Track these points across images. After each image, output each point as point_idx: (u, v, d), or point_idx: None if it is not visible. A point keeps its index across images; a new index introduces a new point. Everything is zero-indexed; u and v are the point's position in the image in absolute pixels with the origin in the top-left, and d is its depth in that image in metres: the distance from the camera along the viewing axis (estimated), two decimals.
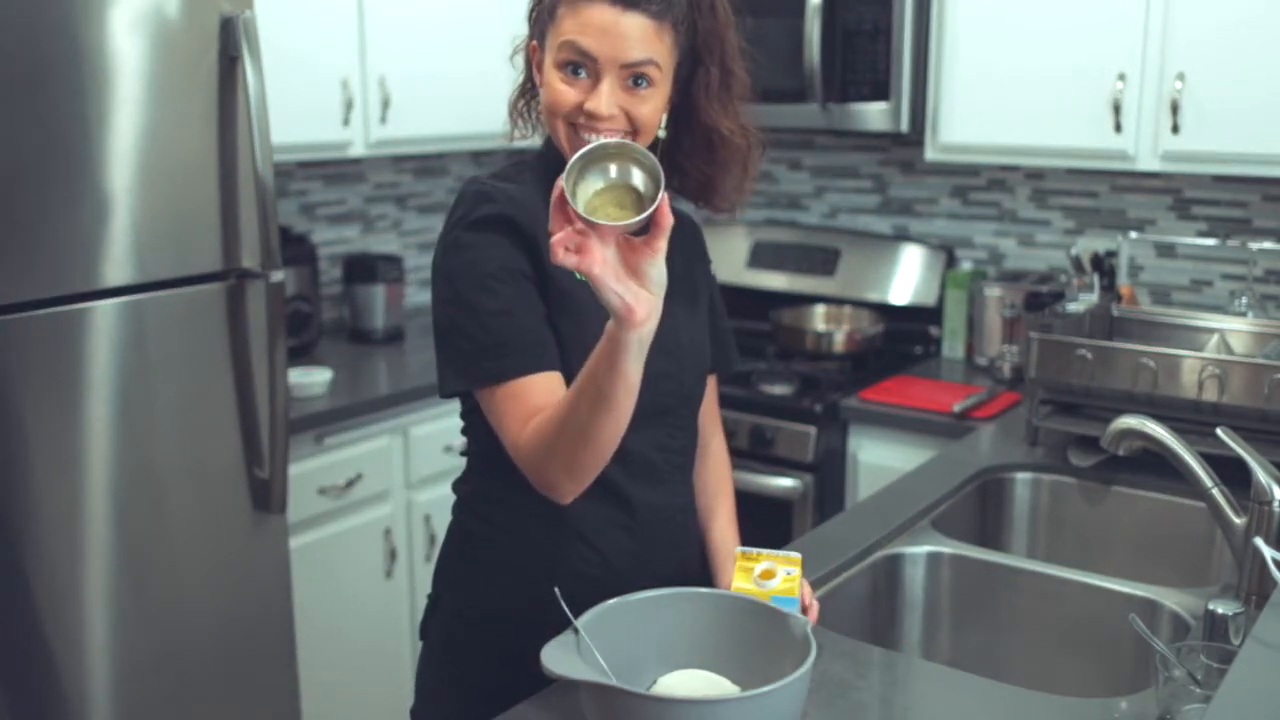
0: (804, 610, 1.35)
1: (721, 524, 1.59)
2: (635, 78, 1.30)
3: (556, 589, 1.26)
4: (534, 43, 1.41)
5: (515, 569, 1.42)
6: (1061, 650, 1.75)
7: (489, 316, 1.30)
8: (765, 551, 1.35)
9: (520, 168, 1.44)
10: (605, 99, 1.29)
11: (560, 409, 1.24)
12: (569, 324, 1.35)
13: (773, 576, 1.33)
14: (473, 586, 1.47)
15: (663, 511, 1.46)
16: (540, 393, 1.29)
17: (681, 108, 1.40)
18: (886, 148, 3.25)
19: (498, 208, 1.34)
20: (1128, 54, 2.53)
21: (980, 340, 3.00)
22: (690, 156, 1.44)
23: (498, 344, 1.30)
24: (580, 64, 1.30)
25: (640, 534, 1.43)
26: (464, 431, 1.47)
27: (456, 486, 1.51)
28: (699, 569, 1.55)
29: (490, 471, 1.42)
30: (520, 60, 1.47)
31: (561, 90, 1.32)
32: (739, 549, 1.37)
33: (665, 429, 1.45)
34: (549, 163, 1.40)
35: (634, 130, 1.33)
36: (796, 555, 1.36)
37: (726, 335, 1.62)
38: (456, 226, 1.35)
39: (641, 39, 1.29)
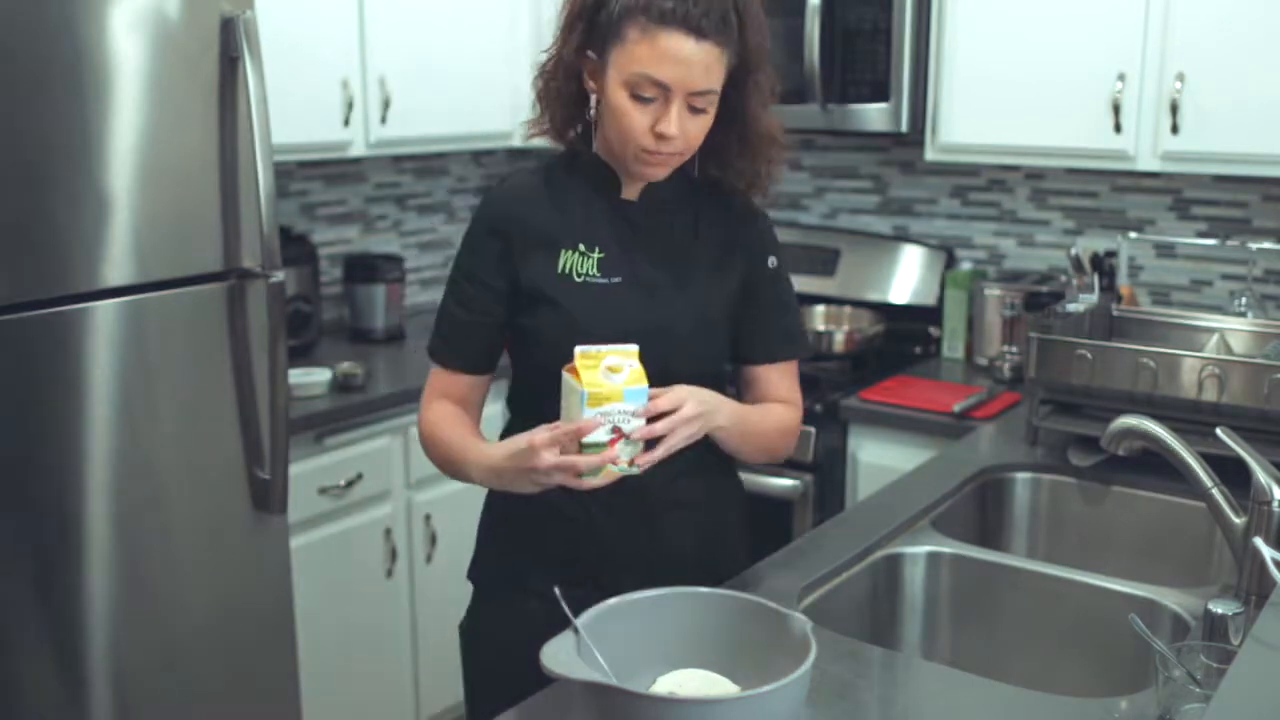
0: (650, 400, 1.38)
1: (769, 410, 1.62)
2: (697, 103, 1.42)
3: (557, 589, 1.27)
4: (589, 54, 1.46)
5: (515, 501, 1.50)
6: (1061, 650, 1.75)
7: (445, 306, 1.59)
8: (604, 348, 1.35)
9: (552, 163, 1.58)
10: (675, 122, 1.41)
11: (449, 440, 1.54)
12: (529, 318, 1.52)
13: (620, 371, 1.34)
14: (492, 515, 1.66)
15: (642, 477, 1.46)
16: (444, 383, 1.59)
17: (731, 114, 1.48)
18: (886, 148, 3.25)
19: (489, 210, 1.56)
20: (1128, 54, 2.53)
21: (980, 340, 3.00)
22: (740, 156, 1.53)
23: (438, 327, 1.59)
24: (653, 92, 1.40)
25: (603, 498, 1.46)
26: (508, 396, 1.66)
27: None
28: (675, 529, 1.57)
29: (518, 426, 1.55)
30: (536, 53, 1.57)
31: (634, 114, 1.42)
32: (578, 348, 1.35)
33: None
34: (590, 176, 1.55)
35: (686, 147, 1.45)
36: (631, 347, 1.36)
37: (779, 330, 1.63)
38: (470, 222, 1.58)
39: (709, 68, 1.40)
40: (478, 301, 1.54)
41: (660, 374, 1.46)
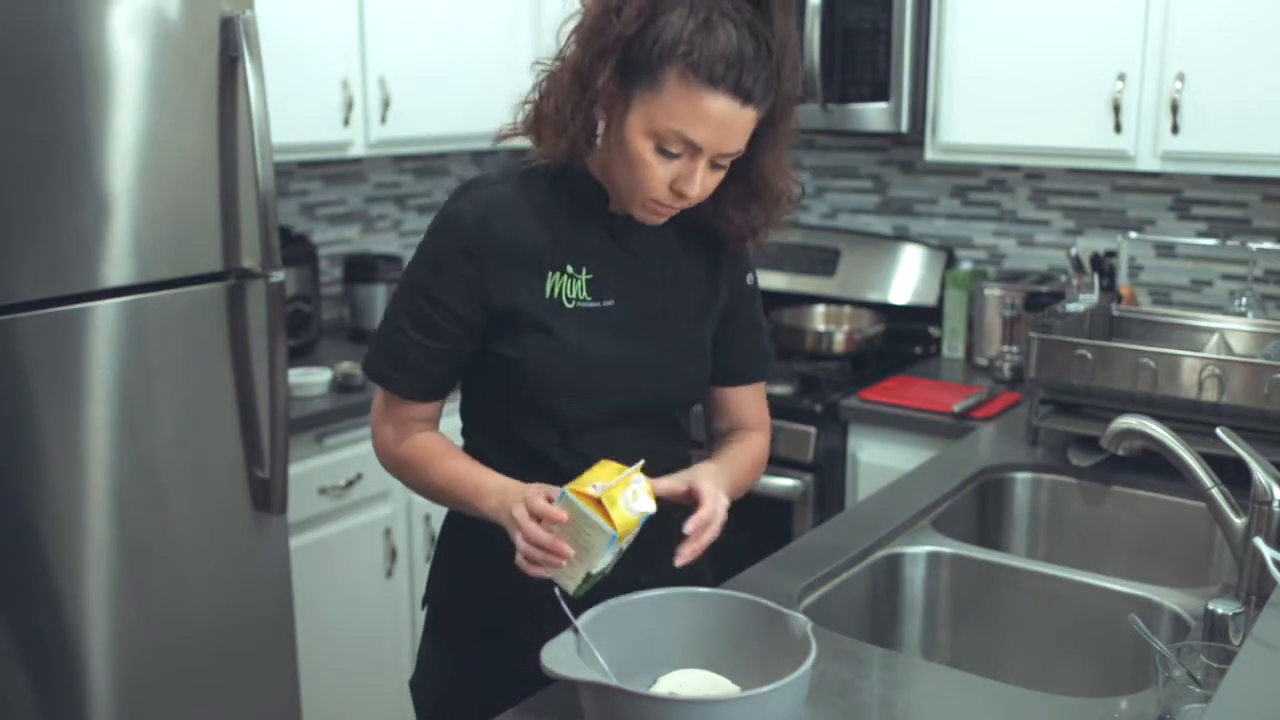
0: (696, 501, 1.32)
1: (737, 451, 1.53)
2: (722, 161, 1.31)
3: (557, 589, 1.27)
4: (612, 85, 1.29)
5: (494, 544, 1.43)
6: (1061, 650, 1.75)
7: (393, 326, 1.42)
8: (625, 475, 1.26)
9: (528, 172, 1.41)
10: (699, 183, 1.30)
11: (425, 463, 1.41)
12: (512, 347, 1.38)
13: (639, 498, 1.27)
14: (460, 559, 1.52)
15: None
16: (390, 405, 1.45)
17: (738, 162, 1.36)
18: (886, 148, 3.25)
19: (461, 228, 1.37)
20: (1128, 54, 2.53)
21: (980, 340, 3.00)
22: (737, 204, 1.41)
23: (383, 345, 1.43)
24: (680, 149, 1.28)
25: None
26: (460, 411, 1.52)
27: None
28: (685, 571, 1.53)
29: (475, 451, 1.47)
30: (536, 53, 1.43)
31: (654, 168, 1.29)
32: (602, 489, 1.25)
33: (635, 429, 1.45)
34: (576, 189, 1.40)
35: (698, 200, 1.34)
36: (637, 466, 1.28)
37: (752, 348, 1.57)
38: (430, 233, 1.41)
39: (745, 131, 1.29)
40: (443, 330, 1.38)
41: (651, 404, 1.45)
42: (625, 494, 1.25)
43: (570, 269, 1.39)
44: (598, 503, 1.24)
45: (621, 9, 1.26)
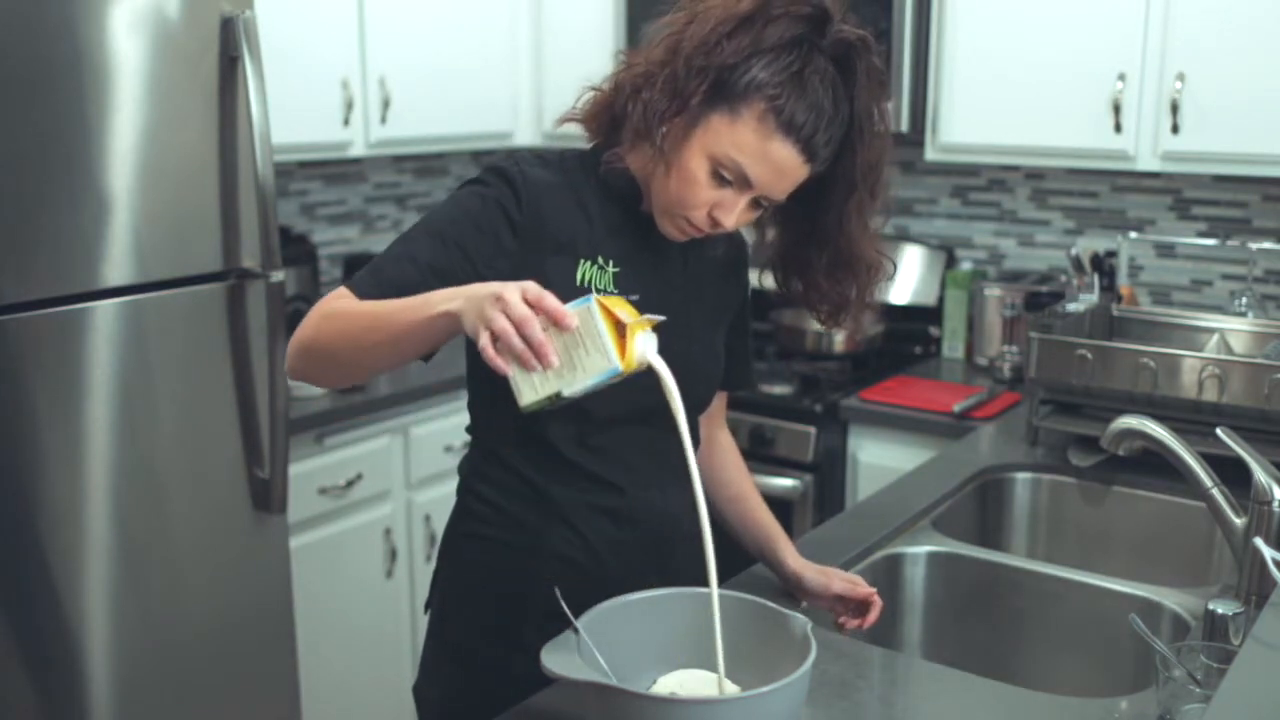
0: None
1: (763, 507, 1.62)
2: (764, 201, 1.33)
3: (557, 589, 1.27)
4: (704, 92, 1.27)
5: (503, 546, 1.45)
6: (1061, 650, 1.75)
7: (408, 258, 1.31)
8: (641, 318, 1.15)
9: (568, 159, 1.42)
10: (736, 217, 1.32)
11: (357, 305, 1.25)
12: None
13: (654, 349, 1.16)
14: (466, 561, 1.50)
15: (654, 506, 1.46)
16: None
17: (824, 232, 1.39)
18: None
19: (511, 195, 1.35)
20: (1128, 54, 2.53)
21: (980, 340, 3.00)
22: (829, 276, 1.42)
23: (386, 272, 1.30)
24: (733, 178, 1.30)
25: (625, 524, 1.44)
26: (469, 407, 1.50)
27: (461, 464, 1.54)
28: (687, 564, 1.53)
29: (485, 450, 1.46)
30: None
31: (703, 189, 1.30)
32: (626, 317, 1.12)
33: (655, 429, 1.44)
34: (613, 182, 1.39)
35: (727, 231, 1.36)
36: (655, 320, 1.18)
37: (748, 354, 1.62)
38: (478, 194, 1.36)
39: (795, 183, 1.31)
40: (444, 264, 1.30)
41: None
42: (642, 335, 1.13)
43: (600, 260, 1.39)
44: (620, 329, 1.08)
45: (733, 35, 1.26)
